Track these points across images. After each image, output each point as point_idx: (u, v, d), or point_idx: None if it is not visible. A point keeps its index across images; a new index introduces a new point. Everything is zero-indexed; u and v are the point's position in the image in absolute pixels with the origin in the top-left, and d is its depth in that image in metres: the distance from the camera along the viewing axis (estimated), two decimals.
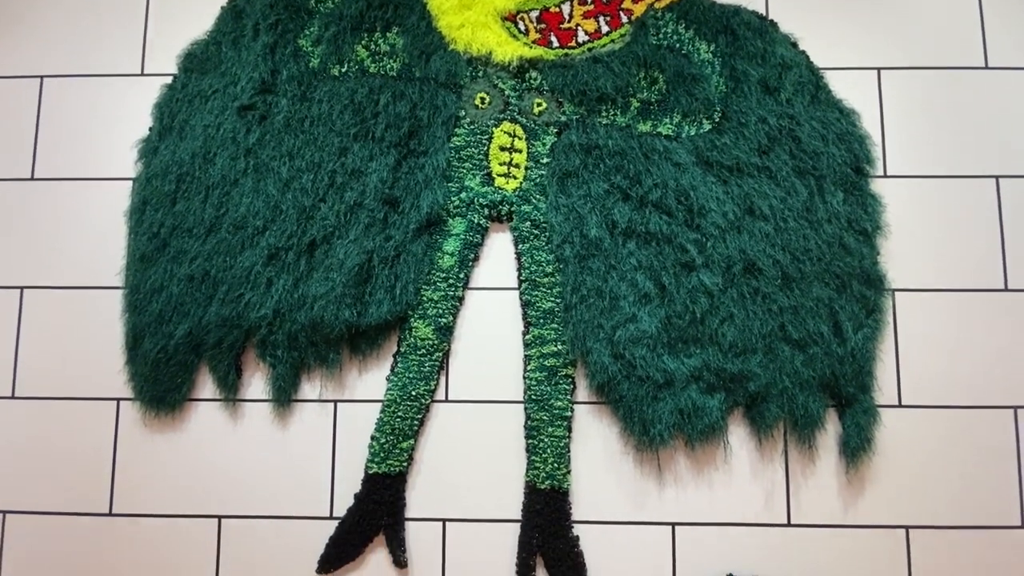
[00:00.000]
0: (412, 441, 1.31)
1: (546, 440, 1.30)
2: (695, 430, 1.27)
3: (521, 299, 1.35)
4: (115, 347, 1.35)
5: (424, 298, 1.33)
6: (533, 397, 1.31)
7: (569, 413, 1.31)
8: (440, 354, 1.33)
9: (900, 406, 1.31)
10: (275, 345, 1.31)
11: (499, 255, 1.38)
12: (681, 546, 1.29)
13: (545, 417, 1.30)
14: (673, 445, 1.30)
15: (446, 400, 1.34)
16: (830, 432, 1.30)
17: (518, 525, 1.30)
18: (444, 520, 1.31)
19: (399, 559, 1.28)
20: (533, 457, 1.30)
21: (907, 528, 1.28)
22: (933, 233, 1.36)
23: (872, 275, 1.31)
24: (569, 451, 1.30)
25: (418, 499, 1.31)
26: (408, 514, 1.31)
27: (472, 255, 1.36)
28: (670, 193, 1.31)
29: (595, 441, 1.32)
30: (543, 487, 1.28)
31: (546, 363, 1.32)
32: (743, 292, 1.30)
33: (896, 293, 1.33)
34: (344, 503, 1.31)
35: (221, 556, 1.31)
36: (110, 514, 1.32)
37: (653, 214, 1.32)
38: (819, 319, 1.29)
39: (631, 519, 1.30)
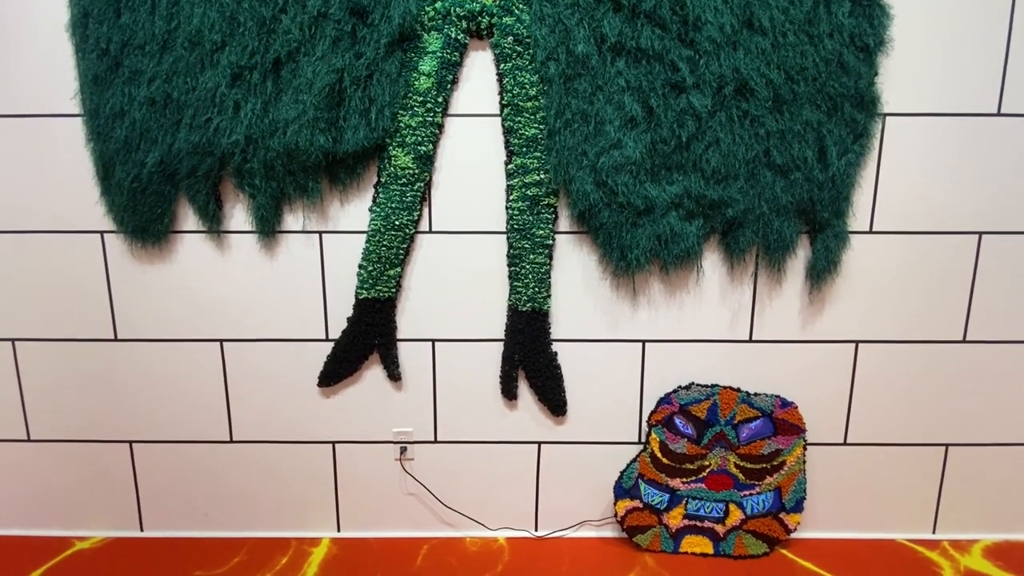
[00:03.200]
0: (399, 269, 1.35)
1: (528, 267, 1.34)
2: (671, 255, 1.32)
3: (503, 126, 1.30)
4: (88, 179, 1.31)
5: (401, 124, 1.28)
6: (516, 226, 1.33)
7: (551, 242, 1.34)
8: (422, 184, 1.31)
9: (871, 232, 1.35)
10: (251, 174, 1.28)
11: (480, 78, 1.30)
12: (650, 360, 1.42)
13: (527, 245, 1.34)
14: (648, 270, 1.36)
15: (430, 231, 1.36)
16: (799, 256, 1.36)
17: (501, 344, 1.41)
18: (433, 340, 1.41)
19: (393, 373, 1.40)
20: (515, 283, 1.36)
21: (856, 343, 1.41)
22: (935, 54, 1.28)
23: (867, 97, 1.26)
24: (550, 277, 1.36)
25: (408, 322, 1.40)
26: (400, 335, 1.40)
27: (451, 76, 1.28)
28: (665, 1, 1.20)
29: (575, 268, 1.37)
30: (524, 309, 1.36)
31: (528, 192, 1.31)
32: (732, 115, 1.26)
33: (887, 118, 1.30)
34: (338, 326, 1.39)
35: (228, 375, 1.42)
36: (116, 339, 1.40)
37: (646, 27, 1.22)
38: (805, 144, 1.27)
39: (605, 337, 1.41)
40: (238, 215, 1.35)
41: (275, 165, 1.27)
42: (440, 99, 1.28)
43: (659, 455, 1.40)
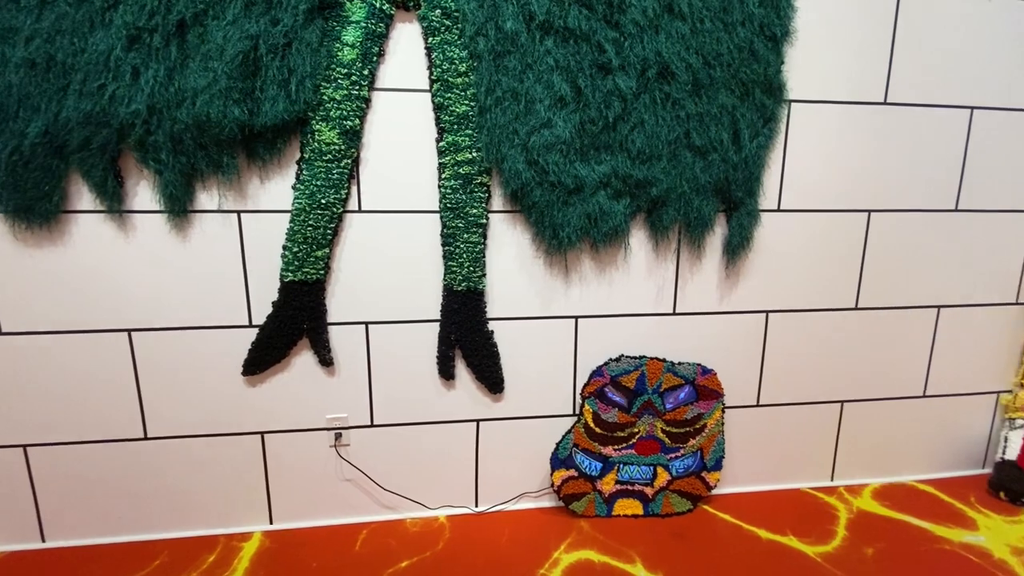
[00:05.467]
0: (327, 250, 1.30)
1: (462, 246, 1.34)
2: (601, 233, 1.37)
3: (433, 102, 1.28)
4: None
5: (325, 97, 1.22)
6: (449, 205, 1.32)
7: (484, 221, 1.34)
8: (349, 161, 1.27)
9: (779, 210, 1.47)
10: (156, 148, 1.18)
11: (408, 51, 1.26)
12: (583, 335, 1.47)
13: (461, 224, 1.33)
14: (580, 247, 1.40)
15: (359, 210, 1.31)
16: (717, 233, 1.45)
17: (437, 324, 1.40)
18: (367, 323, 1.38)
19: (324, 358, 1.36)
20: (450, 262, 1.35)
21: (767, 312, 1.53)
22: (832, 46, 1.40)
23: (774, 84, 1.35)
24: (484, 256, 1.36)
25: (339, 304, 1.35)
26: (330, 319, 1.36)
27: (376, 49, 1.23)
28: None
29: (509, 247, 1.39)
30: (460, 289, 1.36)
31: (461, 171, 1.30)
32: (655, 98, 1.31)
33: (793, 104, 1.41)
34: (262, 311, 1.32)
35: (139, 367, 1.32)
36: (1, 332, 1.25)
37: (573, 6, 1.24)
38: (721, 127, 1.35)
39: (540, 314, 1.44)
40: (143, 193, 1.23)
41: (184, 138, 1.17)
42: (366, 72, 1.23)
43: (592, 425, 1.47)
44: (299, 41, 1.17)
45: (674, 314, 1.50)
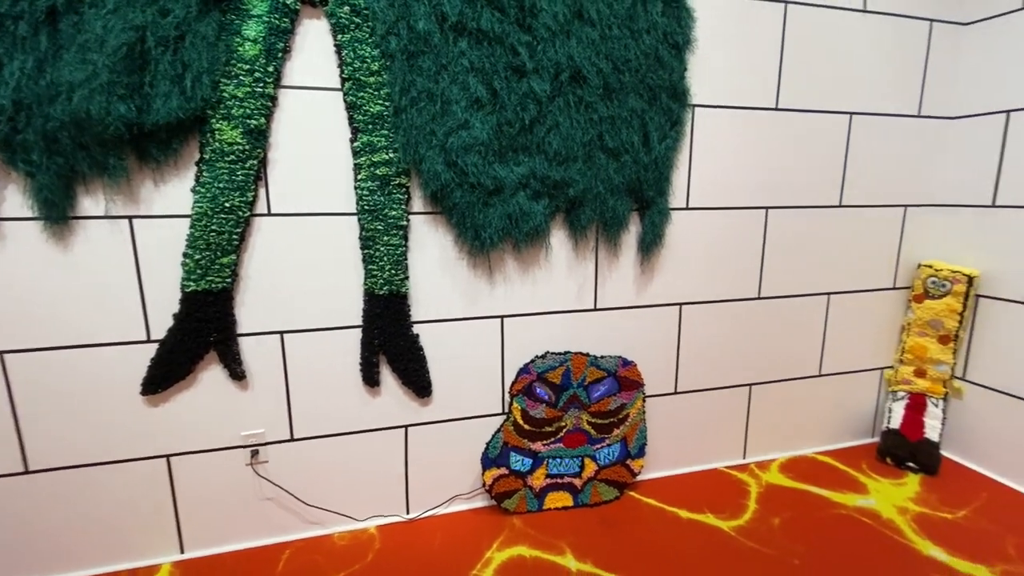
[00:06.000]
0: (233, 256, 1.22)
1: (382, 249, 1.31)
2: (522, 233, 1.39)
3: (346, 101, 1.24)
4: None
5: (225, 94, 1.15)
6: (367, 207, 1.28)
7: (405, 223, 1.32)
8: (255, 161, 1.20)
9: (687, 208, 1.56)
10: (26, 147, 1.05)
11: (317, 48, 1.22)
12: (509, 334, 1.48)
13: (380, 227, 1.30)
14: (502, 248, 1.42)
15: (269, 214, 1.25)
16: (632, 231, 1.52)
17: (359, 330, 1.36)
18: (281, 332, 1.31)
19: (235, 372, 1.28)
20: (370, 266, 1.31)
21: (680, 304, 1.62)
22: (730, 55, 1.50)
23: (679, 89, 1.44)
24: (406, 259, 1.34)
25: (251, 314, 1.28)
26: (241, 329, 1.28)
27: (281, 45, 1.18)
28: None
29: (431, 249, 1.37)
30: (382, 293, 1.33)
31: (378, 172, 1.27)
32: (569, 101, 1.35)
33: (696, 108, 1.50)
34: (162, 324, 1.22)
35: (15, 394, 1.17)
36: None
37: (486, 9, 1.25)
38: (632, 129, 1.41)
39: (466, 315, 1.44)
40: (12, 198, 1.10)
41: (59, 137, 1.06)
42: (270, 68, 1.17)
43: (521, 422, 1.48)
44: (193, 34, 1.09)
45: (595, 310, 1.55)
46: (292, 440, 1.37)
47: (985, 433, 1.73)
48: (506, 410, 1.52)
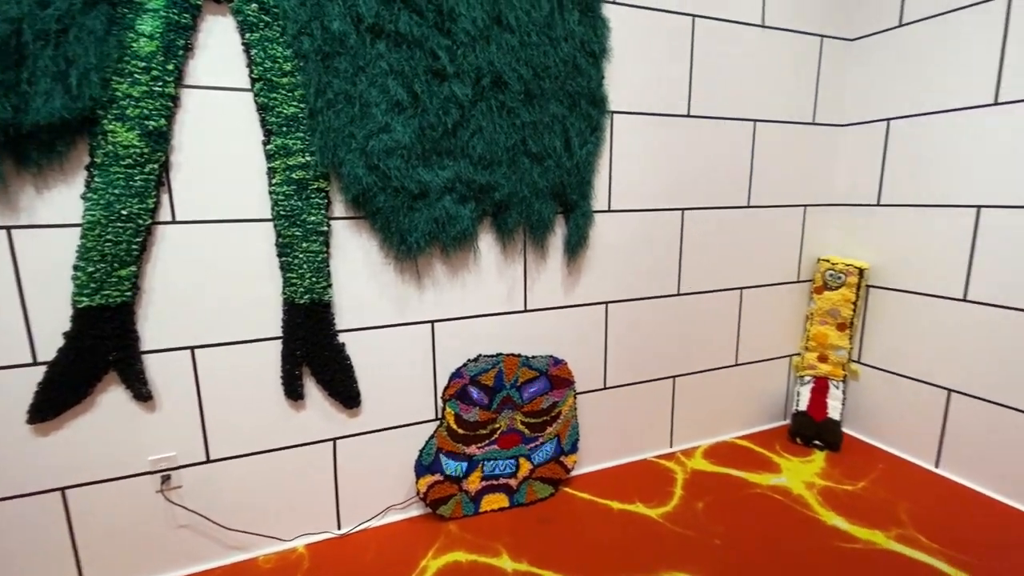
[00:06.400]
0: (133, 268, 1.13)
1: (301, 256, 1.26)
2: (449, 237, 1.39)
3: (257, 102, 1.18)
4: None
5: (118, 93, 1.06)
6: (283, 213, 1.23)
7: (325, 228, 1.28)
8: (155, 166, 1.12)
9: (610, 211, 1.62)
10: None
11: (223, 46, 1.16)
12: (440, 339, 1.48)
13: (298, 233, 1.25)
14: (430, 252, 1.41)
15: (173, 221, 1.17)
16: (557, 234, 1.56)
17: (280, 342, 1.30)
18: (192, 347, 1.23)
19: (140, 393, 1.18)
20: (289, 274, 1.26)
21: (607, 303, 1.68)
22: (644, 64, 1.58)
23: (597, 96, 1.49)
24: (328, 265, 1.30)
25: (157, 329, 1.19)
26: (145, 346, 1.19)
27: (182, 41, 1.11)
28: None
29: (355, 254, 1.34)
30: (303, 302, 1.28)
31: (294, 176, 1.23)
32: (491, 105, 1.36)
33: (615, 115, 1.56)
34: (51, 344, 1.11)
35: None
36: None
37: (403, 12, 1.24)
38: (554, 135, 1.45)
39: (394, 322, 1.41)
40: None
41: None
42: (170, 67, 1.10)
43: (455, 427, 1.48)
44: (78, 28, 1.00)
45: (526, 311, 1.57)
46: (208, 462, 1.29)
47: (879, 410, 1.92)
48: (439, 416, 1.51)
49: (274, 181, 1.22)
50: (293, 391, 1.32)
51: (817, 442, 1.91)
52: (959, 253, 1.63)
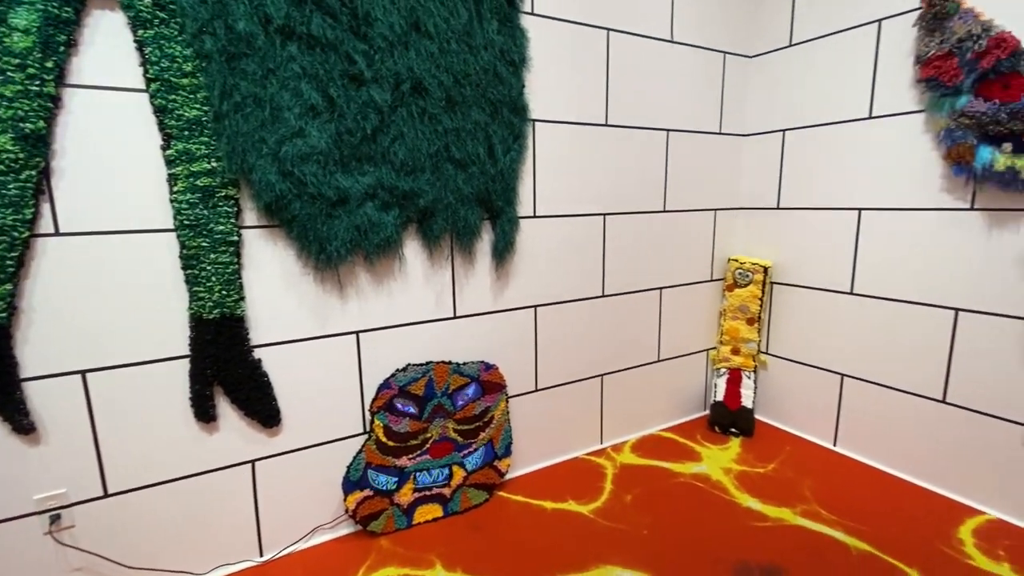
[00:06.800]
0: (9, 286, 1.01)
1: (209, 268, 1.18)
2: (372, 245, 1.35)
3: (153, 104, 1.10)
4: None
5: None
6: (187, 223, 1.15)
7: (235, 238, 1.21)
8: (33, 172, 1.01)
9: (535, 216, 1.65)
10: None
11: (113, 43, 1.06)
12: (365, 350, 1.44)
13: (205, 244, 1.17)
14: (352, 260, 1.37)
15: (56, 233, 1.06)
16: (485, 239, 1.57)
17: (187, 360, 1.21)
18: (84, 371, 1.12)
19: (21, 425, 1.06)
20: (195, 288, 1.18)
21: (535, 307, 1.71)
22: (563, 74, 1.63)
23: (518, 104, 1.52)
24: (240, 277, 1.23)
25: (40, 353, 1.07)
26: (27, 373, 1.06)
27: (63, 37, 1.01)
28: None
29: (271, 265, 1.28)
30: (212, 317, 1.20)
31: (199, 183, 1.15)
32: (412, 111, 1.35)
33: (536, 123, 1.60)
34: None
35: None
36: None
37: (315, 14, 1.20)
38: (477, 141, 1.46)
39: (316, 334, 1.36)
40: None
41: None
42: (49, 64, 1.00)
43: (384, 439, 1.44)
44: None
45: (455, 318, 1.57)
46: (106, 496, 1.17)
47: (785, 397, 2.08)
48: (367, 429, 1.47)
49: (176, 189, 1.14)
50: (204, 413, 1.23)
51: (733, 429, 2.05)
52: (846, 251, 1.82)
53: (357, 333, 1.42)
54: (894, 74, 1.63)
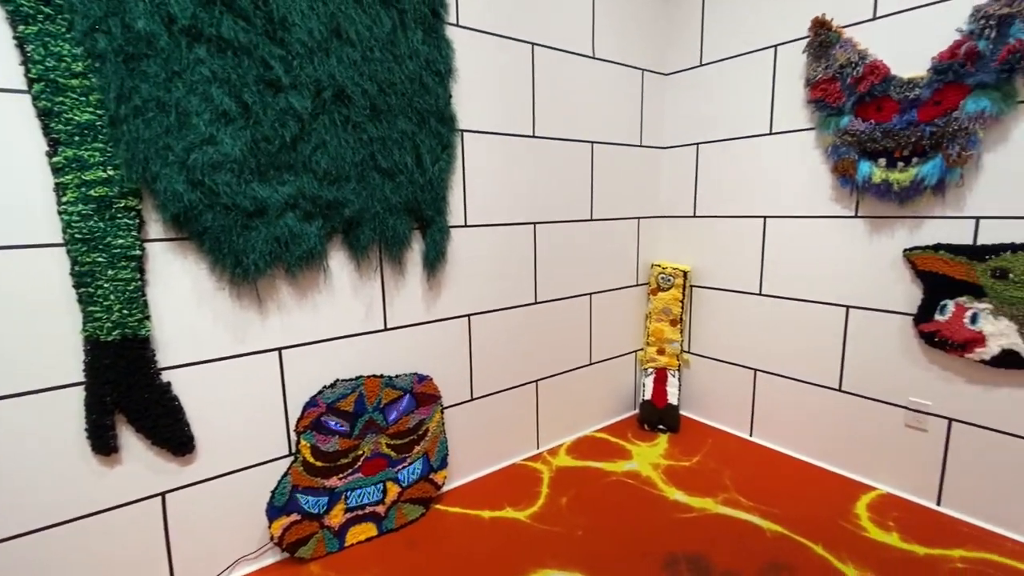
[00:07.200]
0: None
1: (107, 286, 1.08)
2: (294, 257, 1.30)
3: (37, 107, 1.00)
4: None
5: None
6: (79, 236, 1.05)
7: (137, 252, 1.11)
8: None
9: (466, 225, 1.66)
10: None
11: None
12: (289, 367, 1.37)
13: (102, 259, 1.07)
14: (272, 273, 1.30)
15: None
16: (415, 249, 1.55)
17: (82, 388, 1.10)
18: None
19: None
20: (91, 307, 1.07)
21: (469, 316, 1.71)
22: (492, 86, 1.66)
23: (446, 114, 1.52)
24: (144, 295, 1.13)
25: None
26: None
27: None
28: None
29: (181, 280, 1.19)
30: (111, 339, 1.10)
31: (92, 193, 1.05)
32: (335, 119, 1.31)
33: (465, 133, 1.61)
34: None
35: None
36: None
37: (226, 16, 1.14)
38: (404, 151, 1.45)
39: (233, 353, 1.28)
40: None
41: None
42: None
43: (312, 460, 1.38)
44: None
45: (386, 330, 1.53)
46: None
47: (707, 392, 2.22)
48: (293, 450, 1.40)
49: (64, 199, 1.03)
50: (103, 445, 1.12)
51: (661, 426, 2.15)
52: (754, 255, 1.97)
53: (280, 350, 1.35)
54: (789, 95, 1.80)
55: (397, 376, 1.53)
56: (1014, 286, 1.36)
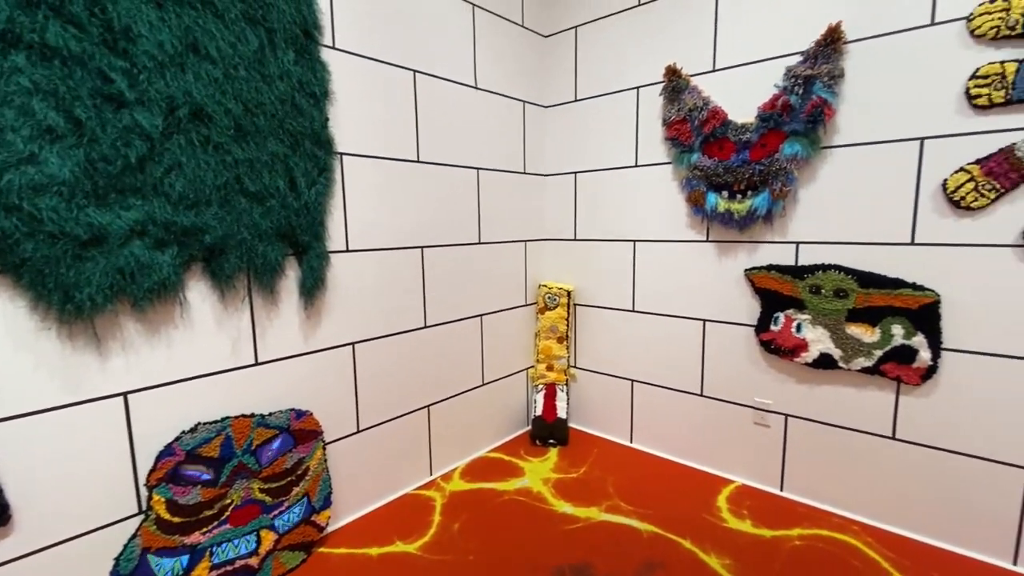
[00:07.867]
0: None
1: None
2: (143, 290, 1.16)
3: None
4: None
5: None
6: None
7: None
8: None
9: (348, 251, 1.61)
10: None
11: None
12: (138, 414, 1.21)
13: None
14: (114, 309, 1.15)
15: None
16: (291, 277, 1.47)
17: None
18: None
19: None
20: None
21: (353, 344, 1.65)
22: (374, 111, 1.64)
23: (322, 137, 1.47)
24: None
25: None
26: None
27: None
28: None
29: None
30: None
31: None
32: (192, 140, 1.21)
33: (344, 157, 1.57)
34: None
35: None
36: None
37: (52, 21, 1.01)
38: (275, 174, 1.37)
39: (62, 402, 1.10)
40: None
41: None
42: None
43: (167, 516, 1.23)
44: None
45: (257, 364, 1.42)
46: None
47: (592, 404, 2.35)
48: (144, 507, 1.23)
49: None
50: None
51: (551, 440, 2.23)
52: (626, 275, 2.15)
53: (125, 394, 1.19)
54: (651, 132, 2.01)
55: (271, 414, 1.42)
56: (825, 299, 1.64)
